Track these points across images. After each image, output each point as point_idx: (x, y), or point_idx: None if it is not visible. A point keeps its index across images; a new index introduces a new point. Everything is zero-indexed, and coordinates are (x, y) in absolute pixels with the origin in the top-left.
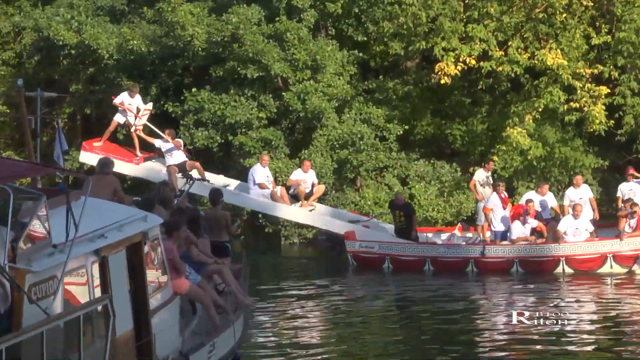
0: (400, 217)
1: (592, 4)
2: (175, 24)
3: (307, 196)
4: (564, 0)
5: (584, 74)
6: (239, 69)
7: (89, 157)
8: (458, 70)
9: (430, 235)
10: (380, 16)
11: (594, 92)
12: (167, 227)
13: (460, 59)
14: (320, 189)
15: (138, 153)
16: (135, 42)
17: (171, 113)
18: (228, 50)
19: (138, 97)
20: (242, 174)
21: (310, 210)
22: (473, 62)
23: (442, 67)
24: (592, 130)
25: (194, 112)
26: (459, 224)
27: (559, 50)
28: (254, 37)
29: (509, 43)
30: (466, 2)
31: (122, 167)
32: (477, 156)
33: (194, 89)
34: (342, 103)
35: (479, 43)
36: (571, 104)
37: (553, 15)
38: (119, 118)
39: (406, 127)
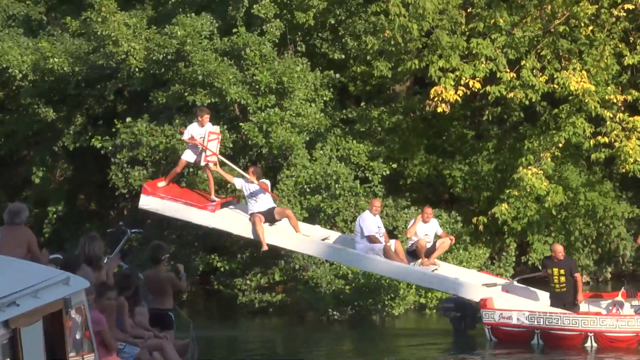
0: (559, 277)
1: (625, 15)
2: (106, 37)
3: (429, 252)
4: (590, 10)
5: (615, 101)
6: (185, 94)
7: (151, 202)
8: (459, 95)
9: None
10: (361, 29)
11: (627, 123)
12: (95, 292)
13: (462, 82)
14: (444, 244)
15: (214, 197)
16: (55, 59)
17: (100, 149)
18: (172, 70)
19: (209, 125)
20: (188, 225)
21: (434, 270)
22: (477, 85)
23: (439, 92)
24: (625, 170)
25: (129, 148)
26: (623, 289)
27: (584, 71)
28: (205, 55)
29: (522, 62)
30: (469, 11)
31: (194, 215)
32: (483, 203)
33: (128, 119)
34: (314, 136)
35: (484, 62)
36: (599, 138)
37: (577, 29)
38: (188, 156)
39: (394, 166)
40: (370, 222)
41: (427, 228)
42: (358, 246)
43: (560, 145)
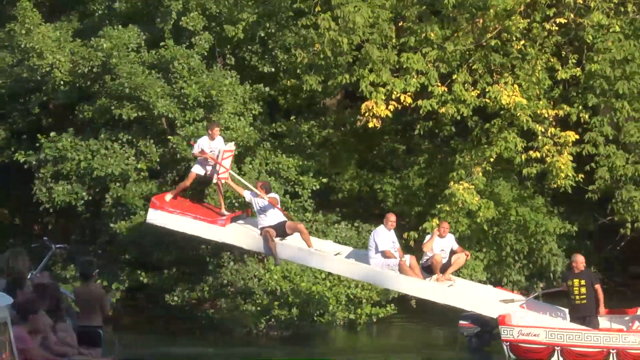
0: (579, 288)
1: (557, 29)
2: (30, 50)
3: (444, 268)
4: (522, 24)
5: (547, 115)
6: (112, 107)
7: (159, 216)
8: (390, 110)
9: (601, 318)
10: (291, 42)
11: (559, 138)
12: (20, 309)
13: (393, 97)
14: (460, 260)
15: (224, 211)
16: None
17: (23, 164)
18: (98, 83)
19: (220, 139)
20: (113, 240)
21: (449, 286)
22: (409, 100)
23: (370, 107)
24: (556, 186)
25: (53, 163)
26: None
27: (515, 85)
28: (132, 67)
29: (454, 77)
30: (400, 25)
31: (204, 229)
32: (414, 218)
33: (52, 134)
34: (243, 150)
35: (416, 76)
36: (531, 153)
37: (508, 43)
38: (198, 169)
39: (324, 180)
40: (385, 237)
41: (443, 243)
42: (372, 261)
43: (492, 159)
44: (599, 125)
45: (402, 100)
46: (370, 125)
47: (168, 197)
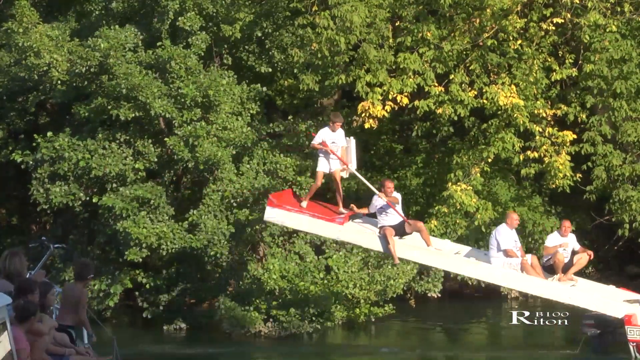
0: None
1: (554, 29)
2: (28, 49)
3: (566, 267)
4: (519, 24)
5: (544, 115)
6: (109, 107)
7: (277, 214)
8: (386, 110)
9: None
10: (288, 42)
11: (556, 138)
12: (19, 311)
13: (390, 97)
14: (582, 260)
15: (342, 209)
16: None
17: (20, 164)
18: (95, 83)
19: (341, 131)
20: (112, 240)
21: (572, 286)
22: (405, 100)
23: (367, 107)
24: (554, 186)
25: (50, 163)
26: None
27: (513, 86)
28: (129, 67)
29: (451, 77)
30: (397, 25)
31: (321, 228)
32: (412, 217)
33: (49, 133)
34: (241, 150)
35: (412, 77)
36: (528, 153)
37: (505, 43)
38: (323, 167)
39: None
40: (507, 236)
41: (564, 242)
42: (494, 260)
43: (490, 160)
44: (597, 125)
45: (398, 101)
46: (367, 125)
47: (304, 203)
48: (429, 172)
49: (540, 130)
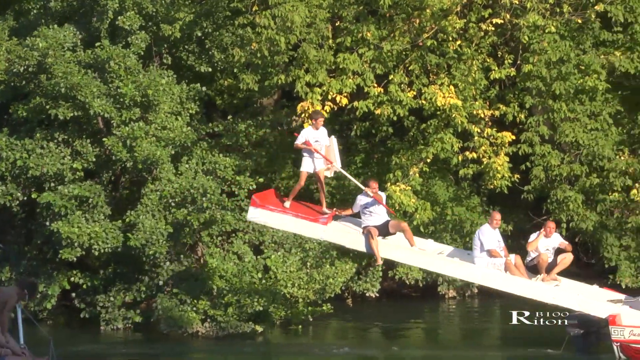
0: None
1: (493, 29)
2: None
3: (550, 267)
4: (459, 24)
5: (483, 116)
6: (47, 107)
7: (260, 214)
8: (326, 111)
9: None
10: (228, 42)
11: (495, 139)
12: None
13: (329, 97)
14: (566, 259)
15: (325, 209)
16: None
17: None
18: (33, 83)
19: (323, 130)
20: (49, 241)
21: (555, 286)
22: (345, 100)
23: (306, 107)
24: (492, 186)
25: None
26: None
27: (451, 86)
28: (67, 67)
29: (390, 77)
30: (337, 25)
31: (305, 228)
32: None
33: None
34: (180, 150)
35: (352, 77)
36: (467, 153)
37: (445, 43)
38: (307, 167)
39: (261, 180)
40: (490, 236)
41: (548, 243)
42: (477, 261)
43: (429, 160)
44: (535, 126)
45: (338, 101)
46: (306, 125)
47: (287, 203)
48: (368, 172)
49: (479, 130)
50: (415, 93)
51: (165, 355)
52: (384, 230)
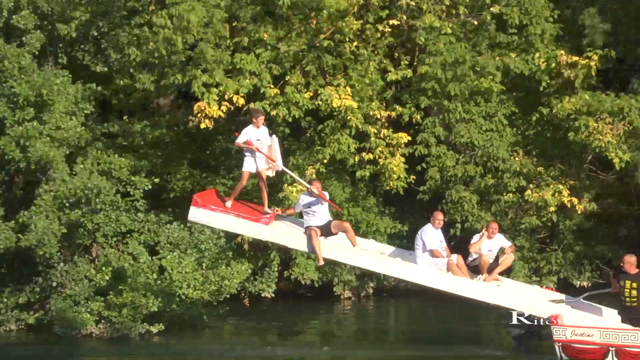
0: (630, 291)
1: (390, 30)
2: None
3: (491, 268)
4: (356, 25)
5: (379, 117)
6: None
7: (201, 214)
8: (223, 111)
9: None
10: (125, 41)
11: (391, 140)
12: None
13: (226, 97)
14: (507, 260)
15: (267, 209)
16: None
17: None
18: None
19: (264, 128)
20: None
21: (497, 286)
22: (242, 101)
23: (203, 107)
24: (388, 187)
25: None
26: None
27: (348, 87)
28: None
29: (287, 78)
30: (234, 25)
31: (247, 228)
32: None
33: None
34: (74, 150)
35: (249, 77)
36: (363, 154)
37: (342, 44)
38: (249, 167)
39: (157, 180)
40: (433, 236)
41: (491, 244)
42: (420, 261)
43: (325, 161)
44: (431, 126)
45: (235, 101)
46: (203, 125)
47: (229, 203)
48: None
49: (375, 131)
50: (311, 94)
51: (58, 357)
52: (326, 231)
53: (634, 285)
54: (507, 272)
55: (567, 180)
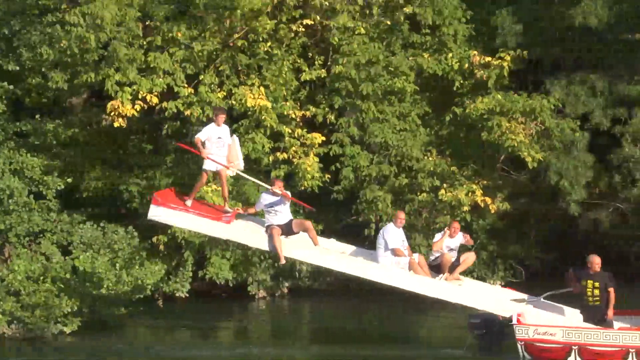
0: (592, 290)
1: (304, 30)
2: None
3: (453, 267)
4: (269, 25)
5: (294, 116)
6: None
7: (162, 213)
8: (136, 110)
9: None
10: (37, 40)
11: (305, 139)
12: None
13: (139, 96)
14: (469, 259)
15: (227, 208)
16: None
17: None
18: None
19: (226, 127)
20: None
21: (458, 285)
22: (155, 100)
23: (116, 106)
24: (303, 187)
25: None
26: None
27: (262, 87)
28: None
29: (201, 77)
30: (148, 24)
31: (208, 227)
32: None
33: None
34: None
35: (162, 76)
36: (278, 154)
37: (256, 44)
38: (209, 166)
39: (69, 180)
40: (395, 235)
41: (452, 243)
42: (382, 260)
43: None
44: (345, 126)
45: (148, 100)
46: (117, 124)
47: (189, 202)
48: (178, 173)
49: (290, 131)
50: (225, 94)
51: None
52: (287, 229)
53: (596, 284)
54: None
55: (481, 180)
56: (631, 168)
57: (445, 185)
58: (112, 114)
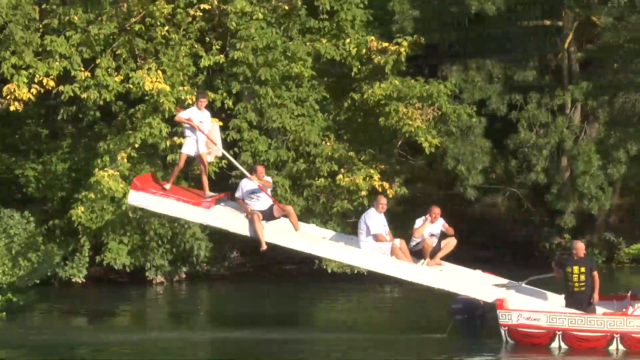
0: (579, 276)
1: (202, 15)
2: None
3: (434, 252)
4: (167, 9)
5: (191, 102)
6: None
7: (141, 198)
8: (32, 94)
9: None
10: None
11: None
12: None
13: (36, 80)
14: (450, 244)
15: (208, 192)
16: None
17: None
18: None
19: (207, 112)
20: None
21: (440, 271)
22: (52, 83)
23: (12, 90)
24: (199, 173)
25: None
26: (631, 292)
27: (159, 72)
28: None
29: (98, 61)
30: (44, 7)
31: (188, 212)
32: (57, 203)
33: None
34: None
35: (59, 60)
36: (175, 139)
37: (152, 28)
38: (188, 149)
39: None
40: (377, 220)
41: (433, 228)
42: (363, 245)
43: (137, 145)
44: (243, 112)
45: (45, 84)
46: (12, 108)
47: (167, 186)
48: (75, 157)
49: None
50: (122, 78)
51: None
52: (268, 215)
53: (582, 269)
54: None
55: (378, 165)
56: (527, 153)
57: (343, 170)
58: (8, 97)
